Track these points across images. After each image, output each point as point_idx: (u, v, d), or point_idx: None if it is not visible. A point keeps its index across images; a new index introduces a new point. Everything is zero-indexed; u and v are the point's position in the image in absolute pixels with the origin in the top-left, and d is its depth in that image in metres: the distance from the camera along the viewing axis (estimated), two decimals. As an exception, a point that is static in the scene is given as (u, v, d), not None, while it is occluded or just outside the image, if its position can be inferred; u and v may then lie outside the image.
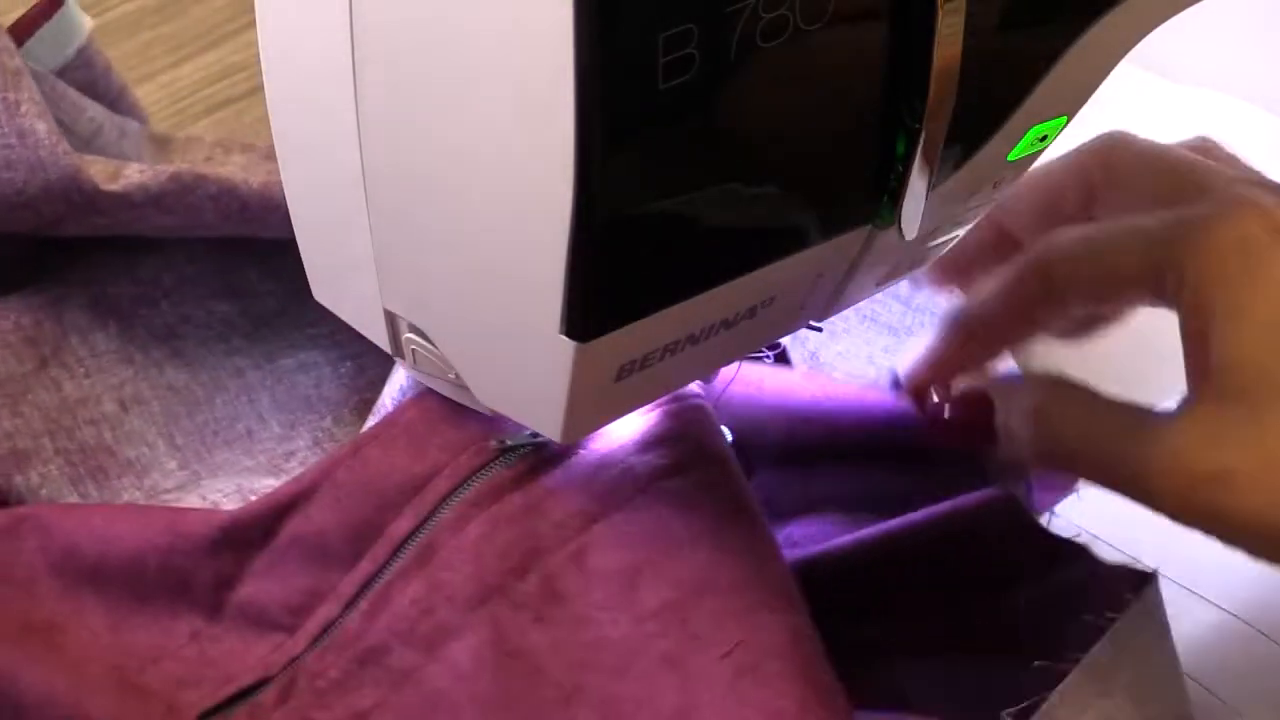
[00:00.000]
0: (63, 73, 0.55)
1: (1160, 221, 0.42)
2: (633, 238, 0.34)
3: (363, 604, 0.43)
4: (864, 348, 0.58)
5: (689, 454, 0.43)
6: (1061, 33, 0.39)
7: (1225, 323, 0.39)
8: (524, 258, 0.34)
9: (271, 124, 0.40)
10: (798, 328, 0.44)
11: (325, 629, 0.44)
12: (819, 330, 0.45)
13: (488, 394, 0.40)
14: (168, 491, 0.51)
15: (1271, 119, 0.78)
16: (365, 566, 0.44)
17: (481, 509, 0.43)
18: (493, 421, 0.44)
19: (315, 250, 0.42)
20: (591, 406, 0.39)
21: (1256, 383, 0.39)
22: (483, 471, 0.43)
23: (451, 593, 0.42)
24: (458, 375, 0.40)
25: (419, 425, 0.45)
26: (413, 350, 0.41)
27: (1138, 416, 0.42)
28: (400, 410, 0.46)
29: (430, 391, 0.45)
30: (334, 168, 0.37)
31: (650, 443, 0.43)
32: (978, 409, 0.45)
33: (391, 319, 0.40)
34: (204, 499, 0.49)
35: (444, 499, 0.43)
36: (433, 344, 0.40)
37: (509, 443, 0.43)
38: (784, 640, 0.40)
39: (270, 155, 0.58)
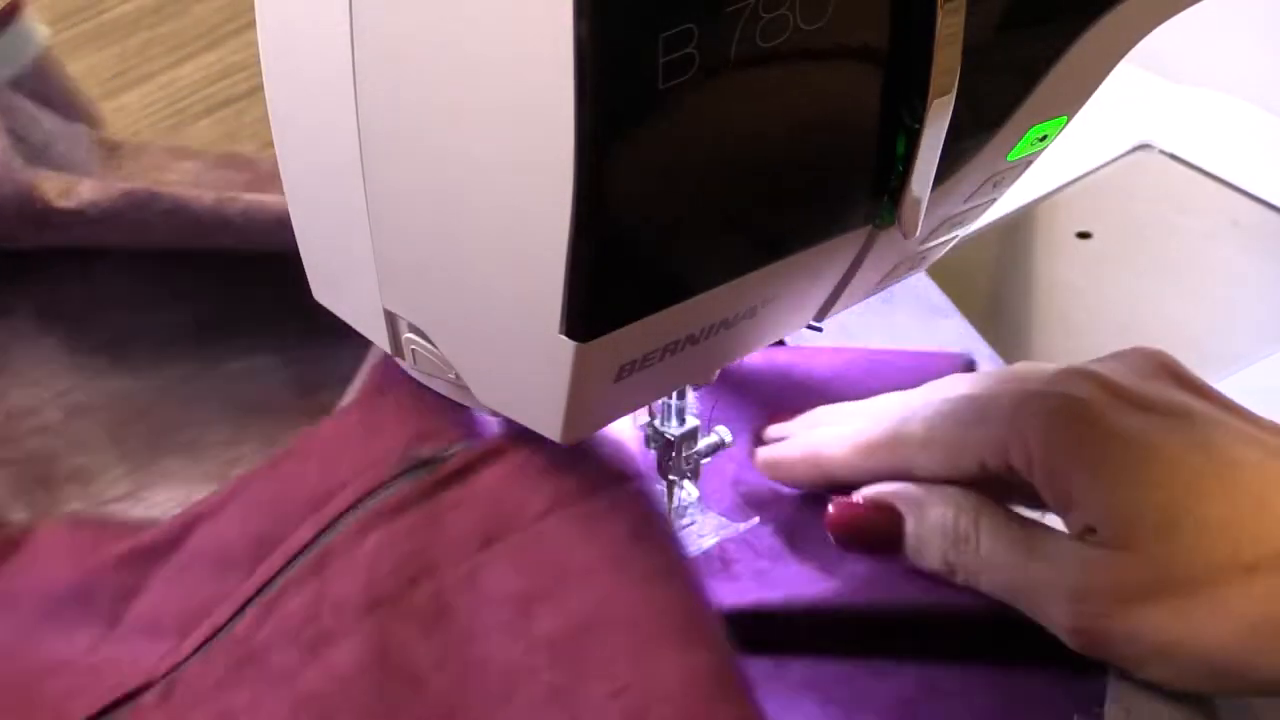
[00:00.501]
0: (18, 84, 0.54)
1: (1009, 396, 0.44)
2: (633, 238, 0.34)
3: (251, 610, 0.43)
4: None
5: (597, 478, 0.42)
6: (1061, 33, 0.39)
7: (1088, 486, 0.42)
8: (524, 258, 0.34)
9: (271, 124, 0.40)
10: (798, 327, 0.44)
11: (213, 634, 0.43)
12: (819, 330, 0.45)
13: (488, 394, 0.40)
14: (115, 500, 0.50)
15: (1271, 119, 0.78)
16: (260, 574, 0.43)
17: (383, 521, 0.42)
18: (404, 438, 0.43)
19: (315, 250, 0.42)
20: (591, 406, 0.38)
21: (1140, 530, 0.41)
22: (389, 485, 0.43)
23: (340, 600, 0.42)
24: (458, 375, 0.40)
25: (334, 440, 0.45)
26: (413, 350, 0.41)
27: (1052, 531, 0.44)
28: (322, 425, 0.46)
29: (358, 403, 0.45)
30: (334, 167, 0.37)
31: (559, 465, 0.42)
32: (885, 515, 0.46)
33: (391, 319, 0.40)
34: (149, 507, 0.49)
35: (345, 511, 0.43)
36: (433, 344, 0.40)
37: (421, 458, 0.43)
38: (678, 683, 0.38)
39: (220, 162, 0.57)
